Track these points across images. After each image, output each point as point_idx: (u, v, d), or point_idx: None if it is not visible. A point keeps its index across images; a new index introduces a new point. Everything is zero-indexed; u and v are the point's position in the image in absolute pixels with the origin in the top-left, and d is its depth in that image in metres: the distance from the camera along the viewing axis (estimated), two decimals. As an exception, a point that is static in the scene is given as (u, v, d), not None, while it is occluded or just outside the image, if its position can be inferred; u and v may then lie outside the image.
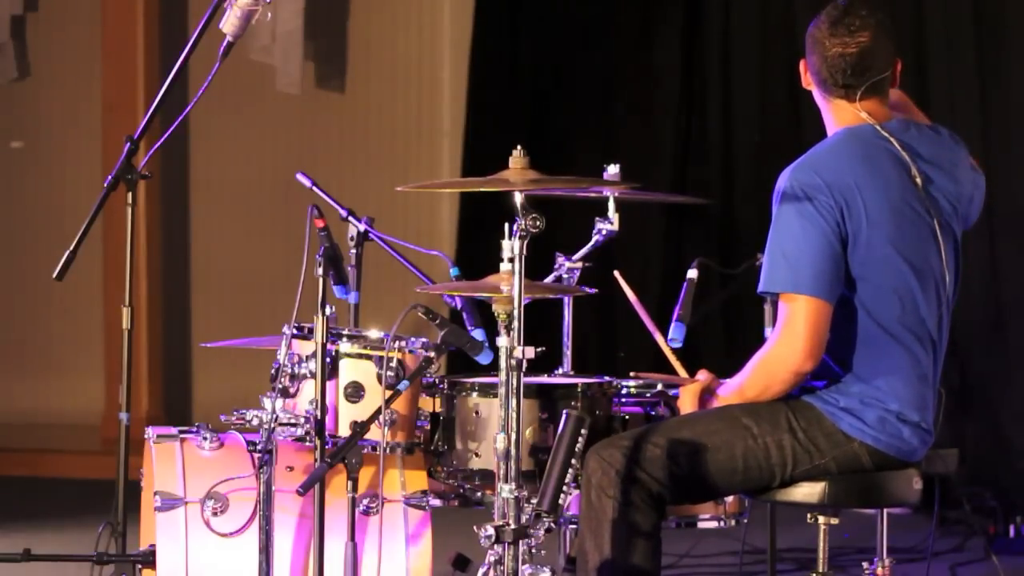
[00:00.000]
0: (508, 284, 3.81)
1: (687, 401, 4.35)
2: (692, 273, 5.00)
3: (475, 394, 4.43)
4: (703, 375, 4.40)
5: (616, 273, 4.78)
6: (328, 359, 4.33)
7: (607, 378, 4.56)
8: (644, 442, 4.14)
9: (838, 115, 4.34)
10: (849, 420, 4.19)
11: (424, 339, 4.46)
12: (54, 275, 4.97)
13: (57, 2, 9.43)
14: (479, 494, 4.61)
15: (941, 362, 4.38)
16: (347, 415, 4.41)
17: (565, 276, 4.88)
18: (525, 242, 3.77)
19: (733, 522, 4.79)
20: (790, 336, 4.13)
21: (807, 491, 4.23)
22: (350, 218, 4.94)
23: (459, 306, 4.67)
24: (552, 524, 3.89)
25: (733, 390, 4.26)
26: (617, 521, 4.09)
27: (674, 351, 4.68)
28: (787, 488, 4.23)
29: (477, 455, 4.40)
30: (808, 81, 4.38)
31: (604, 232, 4.91)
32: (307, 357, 4.42)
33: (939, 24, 7.38)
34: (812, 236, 4.13)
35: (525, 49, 8.68)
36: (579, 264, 4.89)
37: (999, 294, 7.27)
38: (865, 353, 4.21)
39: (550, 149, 7.93)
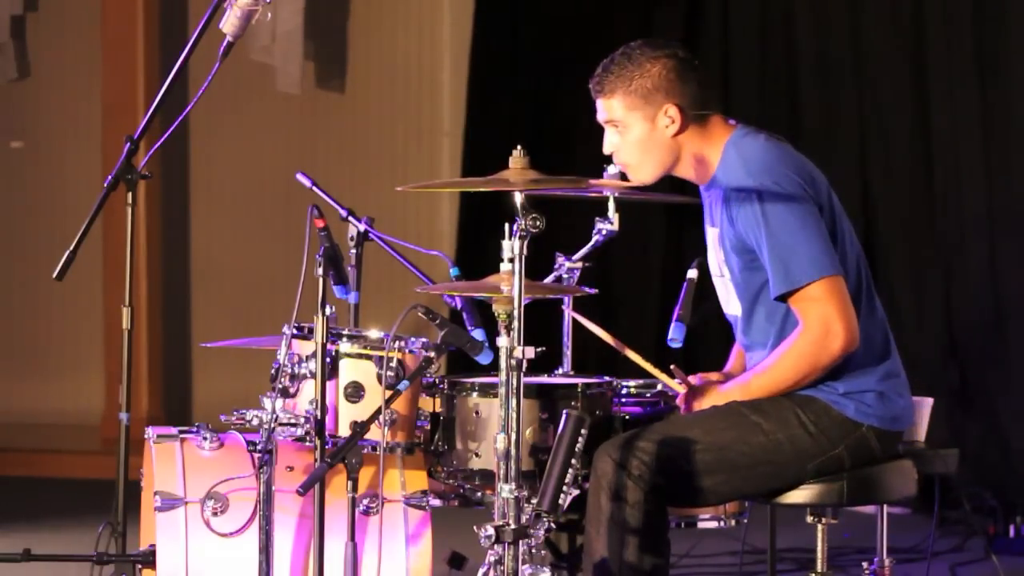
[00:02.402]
0: (508, 284, 3.81)
1: (683, 407, 4.38)
2: (692, 273, 5.00)
3: (475, 394, 4.43)
4: (697, 379, 4.43)
5: (573, 314, 4.81)
6: (328, 359, 4.33)
7: (607, 378, 4.56)
8: (654, 442, 4.15)
9: (717, 133, 4.39)
10: (854, 405, 4.24)
11: (424, 339, 4.46)
12: (54, 275, 4.97)
13: (57, 2, 9.43)
14: (479, 494, 4.61)
15: None
16: (347, 415, 4.41)
17: (565, 276, 4.88)
18: (525, 242, 3.78)
19: (733, 522, 4.80)
20: (826, 319, 4.16)
21: (810, 492, 4.25)
22: (350, 218, 4.94)
23: (459, 306, 4.67)
24: (552, 524, 3.89)
25: (758, 383, 4.26)
26: (625, 521, 4.09)
27: (674, 351, 4.67)
28: (792, 491, 4.25)
29: (477, 455, 4.40)
30: (675, 128, 4.35)
31: (604, 232, 4.91)
32: (307, 357, 4.42)
33: (939, 23, 7.38)
34: (809, 222, 4.19)
35: (525, 49, 8.67)
36: (579, 264, 4.89)
37: (999, 294, 7.27)
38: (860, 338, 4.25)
39: (550, 149, 7.92)
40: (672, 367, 4.47)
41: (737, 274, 4.32)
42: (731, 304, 4.42)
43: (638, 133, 4.37)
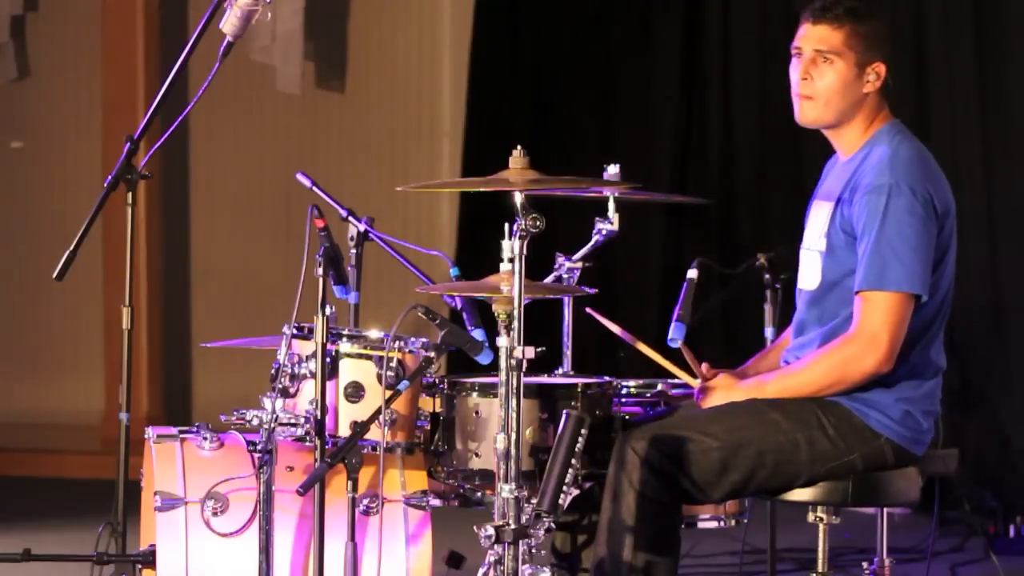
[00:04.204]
0: (508, 284, 3.81)
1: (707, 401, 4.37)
2: (692, 273, 5.00)
3: (475, 394, 4.43)
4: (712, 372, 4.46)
5: (588, 310, 4.80)
6: (328, 359, 4.33)
7: (607, 378, 4.56)
8: (675, 436, 4.15)
9: (880, 116, 4.39)
10: (876, 416, 4.24)
11: (424, 339, 4.46)
12: (54, 275, 4.97)
13: (57, 2, 9.43)
14: (479, 494, 4.60)
15: None
16: (347, 415, 4.41)
17: (565, 276, 4.88)
18: (525, 242, 3.78)
19: (733, 522, 4.80)
20: (876, 332, 4.16)
21: (814, 491, 4.26)
22: (350, 218, 4.94)
23: (459, 306, 4.67)
24: (552, 524, 3.89)
25: (777, 385, 4.27)
26: (638, 510, 4.10)
27: (673, 351, 4.67)
28: (800, 488, 4.26)
29: (477, 455, 4.40)
30: (873, 87, 4.35)
31: (604, 232, 4.91)
32: (307, 357, 4.42)
33: (939, 24, 7.38)
34: (922, 238, 4.18)
35: (525, 49, 8.68)
36: (579, 264, 4.89)
37: (999, 294, 7.27)
38: (910, 354, 4.27)
39: (550, 149, 7.93)
40: (682, 346, 4.47)
41: (835, 250, 4.30)
42: (807, 277, 4.40)
43: (843, 74, 4.33)
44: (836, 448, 4.22)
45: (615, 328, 4.65)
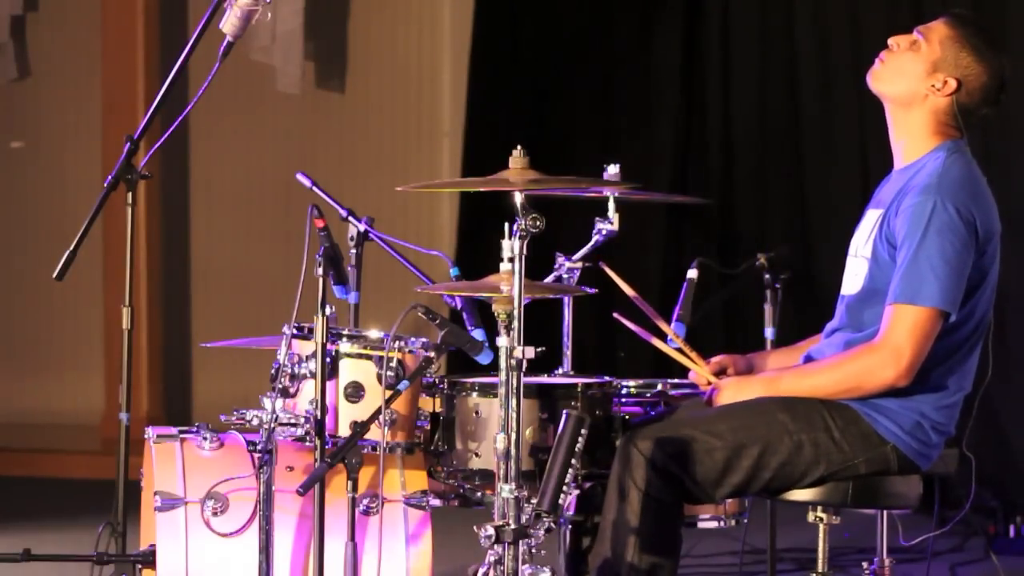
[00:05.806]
0: (508, 284, 3.81)
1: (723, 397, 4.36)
2: (692, 273, 5.00)
3: (475, 394, 4.43)
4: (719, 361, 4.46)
5: (615, 315, 4.78)
6: (328, 359, 4.33)
7: (607, 378, 4.56)
8: (680, 435, 4.15)
9: (947, 134, 4.35)
10: (886, 423, 4.22)
11: (424, 339, 4.46)
12: (54, 275, 4.97)
13: (57, 2, 9.43)
14: (479, 494, 4.60)
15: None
16: (347, 415, 4.41)
17: (565, 276, 4.88)
18: (525, 242, 3.78)
19: (733, 522, 4.80)
20: (899, 346, 4.14)
21: (814, 491, 4.26)
22: (350, 218, 4.94)
23: (459, 306, 4.67)
24: (552, 524, 3.89)
25: (791, 384, 4.26)
26: (642, 512, 4.09)
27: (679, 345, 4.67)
28: (802, 488, 4.25)
29: (477, 455, 4.40)
30: (933, 94, 4.32)
31: (604, 232, 4.91)
32: (307, 357, 4.42)
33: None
34: (961, 257, 4.18)
35: (525, 49, 8.68)
36: (579, 264, 4.89)
37: (999, 294, 7.25)
38: (933, 371, 4.25)
39: (550, 149, 7.93)
40: (682, 344, 4.48)
41: (879, 259, 4.28)
42: (850, 283, 4.38)
43: (916, 59, 4.32)
44: (841, 451, 4.21)
45: (639, 330, 4.64)
